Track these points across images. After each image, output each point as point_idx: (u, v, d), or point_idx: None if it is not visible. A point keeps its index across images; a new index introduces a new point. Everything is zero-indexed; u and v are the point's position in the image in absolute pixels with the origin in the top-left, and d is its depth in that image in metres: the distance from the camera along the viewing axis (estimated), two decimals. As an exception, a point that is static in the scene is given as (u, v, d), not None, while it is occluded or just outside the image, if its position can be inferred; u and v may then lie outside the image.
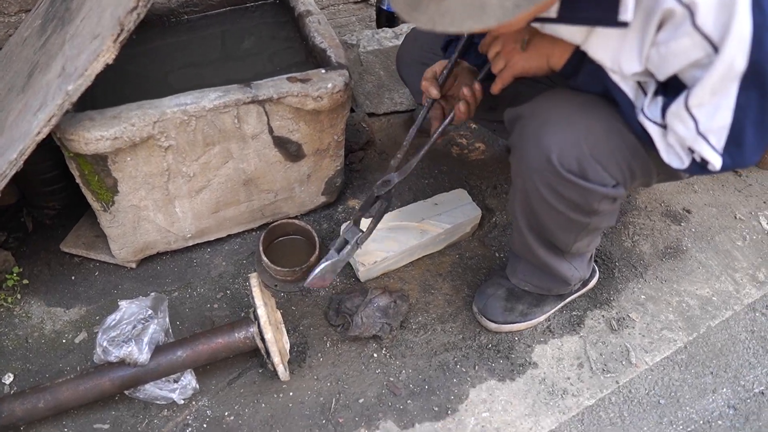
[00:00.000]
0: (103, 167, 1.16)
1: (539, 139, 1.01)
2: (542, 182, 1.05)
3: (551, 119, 1.02)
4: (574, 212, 1.08)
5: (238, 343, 1.20)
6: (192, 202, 1.33)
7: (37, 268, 1.43)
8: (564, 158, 0.99)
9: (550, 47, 1.02)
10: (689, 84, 0.86)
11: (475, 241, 1.58)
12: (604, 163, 1.00)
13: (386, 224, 1.46)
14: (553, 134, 1.00)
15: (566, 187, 1.03)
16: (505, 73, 1.09)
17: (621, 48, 0.89)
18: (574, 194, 1.04)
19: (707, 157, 0.89)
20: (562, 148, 0.99)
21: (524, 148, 1.06)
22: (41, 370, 1.27)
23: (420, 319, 1.41)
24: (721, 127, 0.86)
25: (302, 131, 1.29)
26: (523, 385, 1.33)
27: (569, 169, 1.00)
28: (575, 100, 1.04)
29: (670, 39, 0.82)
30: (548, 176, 1.02)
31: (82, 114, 1.09)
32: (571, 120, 1.01)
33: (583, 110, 1.01)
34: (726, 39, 0.77)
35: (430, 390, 1.30)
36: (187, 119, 1.14)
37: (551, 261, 1.25)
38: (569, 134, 0.99)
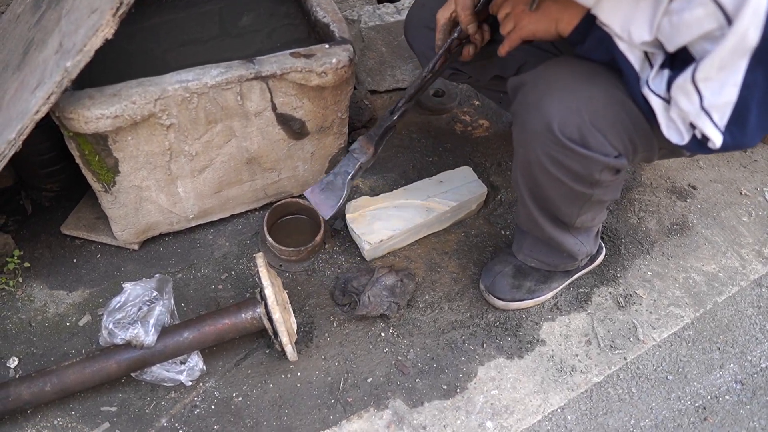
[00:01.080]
0: (104, 147, 1.13)
1: (541, 106, 1.00)
2: (543, 151, 1.03)
3: (553, 87, 1.01)
4: (576, 183, 1.07)
5: (245, 324, 1.19)
6: (194, 182, 1.30)
7: (38, 251, 1.41)
8: (565, 126, 0.98)
9: (560, 12, 1.00)
10: (698, 57, 0.84)
11: (481, 219, 1.57)
12: (605, 133, 0.99)
13: (391, 202, 1.44)
14: (555, 102, 0.99)
15: (567, 156, 1.01)
16: (513, 35, 1.07)
17: (633, 14, 0.87)
18: (576, 163, 1.02)
19: (708, 133, 0.87)
20: (564, 116, 0.98)
21: (526, 116, 1.04)
22: (46, 353, 1.26)
23: (427, 297, 1.40)
24: (726, 104, 0.84)
25: (306, 108, 1.27)
26: (531, 363, 1.32)
27: (570, 137, 0.99)
28: (579, 68, 1.02)
29: (683, 8, 0.80)
30: (549, 144, 1.01)
31: (81, 92, 1.06)
32: (572, 88, 0.99)
33: (585, 79, 1.00)
34: (741, 10, 0.75)
35: (438, 368, 1.29)
36: (188, 96, 1.11)
37: (557, 235, 1.23)
38: (571, 102, 0.98)
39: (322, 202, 1.19)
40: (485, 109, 1.84)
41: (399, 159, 1.67)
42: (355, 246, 1.47)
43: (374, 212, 1.42)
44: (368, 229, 1.39)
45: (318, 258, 1.44)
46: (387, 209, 1.43)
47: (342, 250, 1.46)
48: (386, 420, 1.21)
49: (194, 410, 1.20)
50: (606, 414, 1.27)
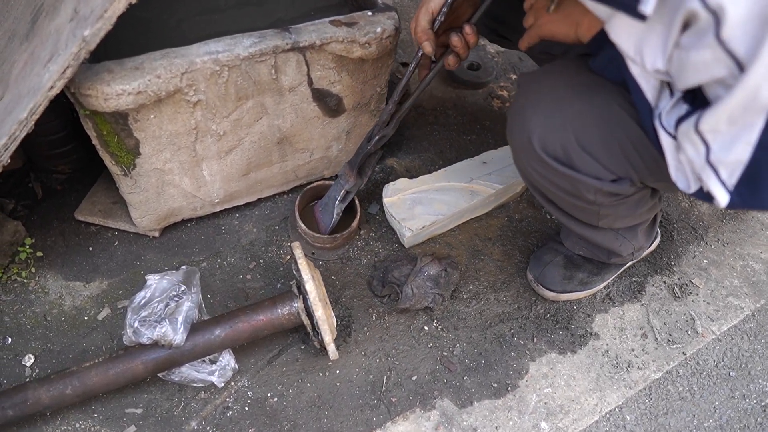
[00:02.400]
0: (124, 126, 1.02)
1: (523, 116, 0.91)
2: (528, 164, 0.95)
3: (541, 96, 0.90)
4: (573, 198, 0.97)
5: (282, 320, 1.09)
6: (221, 164, 1.19)
7: (51, 238, 1.30)
8: (546, 142, 0.88)
9: (581, 15, 0.85)
10: (711, 101, 0.69)
11: (524, 202, 1.46)
12: (596, 155, 0.87)
13: (432, 185, 1.33)
14: (538, 113, 0.89)
15: (553, 174, 0.92)
16: (532, 31, 0.94)
17: (646, 37, 0.71)
18: (564, 182, 0.93)
19: (713, 190, 0.72)
20: (545, 131, 0.88)
21: (511, 123, 0.96)
22: (63, 350, 1.16)
23: (471, 287, 1.31)
24: (736, 162, 0.69)
25: (344, 83, 1.15)
26: (585, 358, 1.23)
27: (553, 156, 0.89)
28: (576, 78, 0.90)
29: (691, 47, 0.65)
30: (532, 158, 0.92)
31: (99, 65, 0.94)
32: (560, 100, 0.88)
33: (580, 91, 0.88)
34: (755, 60, 0.59)
35: (487, 365, 1.20)
36: (218, 70, 0.99)
37: (588, 233, 1.13)
38: (555, 116, 0.87)
39: (321, 220, 1.30)
40: (523, 83, 1.71)
41: (434, 137, 1.55)
42: (391, 232, 1.36)
43: (414, 196, 1.31)
44: (409, 214, 1.28)
45: (353, 245, 1.34)
46: (428, 192, 1.32)
47: (378, 236, 1.36)
48: (434, 421, 1.12)
49: (226, 412, 1.11)
50: (667, 414, 1.19)
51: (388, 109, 1.13)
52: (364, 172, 1.24)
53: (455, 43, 1.02)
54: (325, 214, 1.29)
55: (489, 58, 1.73)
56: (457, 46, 1.03)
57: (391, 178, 1.45)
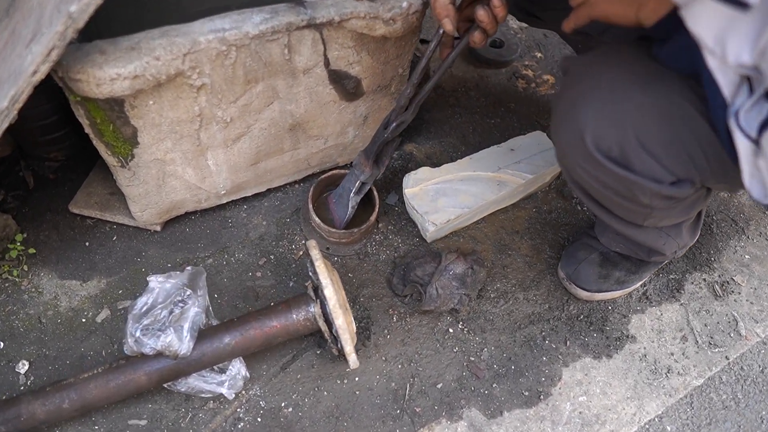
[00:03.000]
0: (120, 114, 0.91)
1: (575, 109, 0.79)
2: (577, 162, 0.84)
3: (595, 86, 0.78)
4: (624, 200, 0.87)
5: (297, 326, 1.00)
6: (228, 153, 1.08)
7: (44, 233, 1.20)
8: (601, 140, 0.77)
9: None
10: None
11: (553, 192, 1.36)
12: (657, 154, 0.77)
13: (456, 175, 1.22)
14: (592, 107, 0.77)
15: (605, 174, 0.81)
16: (582, 10, 0.79)
17: (732, 26, 0.59)
18: (617, 183, 0.82)
19: None
20: (600, 127, 0.77)
21: (559, 117, 0.84)
22: (60, 355, 1.07)
23: (498, 286, 1.21)
24: None
25: (364, 63, 1.03)
26: (621, 363, 1.15)
27: (608, 155, 0.78)
28: (637, 67, 0.78)
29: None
30: (582, 157, 0.81)
31: (89, 45, 0.83)
32: (620, 92, 0.76)
33: (642, 82, 0.77)
34: None
35: (517, 370, 1.12)
36: (225, 50, 0.88)
37: (630, 232, 1.03)
38: (612, 111, 0.76)
39: (335, 212, 1.21)
40: (549, 63, 1.59)
41: (456, 120, 1.44)
42: (411, 224, 1.26)
43: (437, 186, 1.21)
44: (432, 206, 1.18)
45: (371, 239, 1.24)
46: (452, 183, 1.21)
47: (397, 229, 1.26)
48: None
49: (237, 424, 1.02)
50: (710, 424, 1.10)
51: (407, 92, 1.01)
52: (381, 162, 1.13)
53: (481, 17, 0.90)
54: (340, 206, 1.19)
55: (512, 34, 1.60)
56: (484, 21, 0.90)
57: (411, 166, 1.34)
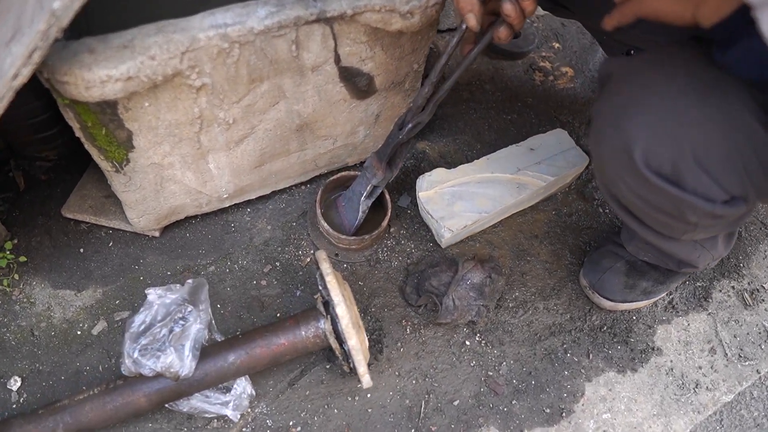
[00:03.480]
0: (113, 117, 0.83)
1: (623, 120, 0.71)
2: (620, 177, 0.76)
3: (647, 95, 0.70)
4: (667, 217, 0.80)
5: (306, 344, 0.93)
6: (230, 156, 1.01)
7: (36, 239, 1.13)
8: (653, 156, 0.69)
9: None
10: None
11: (573, 193, 1.29)
12: (713, 172, 0.69)
13: (473, 177, 1.15)
14: (644, 118, 0.69)
15: (652, 192, 0.74)
16: (629, 6, 0.71)
17: None
18: (664, 202, 0.75)
19: None
20: (652, 141, 0.69)
21: (601, 127, 0.76)
22: (54, 370, 1.01)
23: (517, 294, 1.15)
24: None
25: (377, 60, 0.95)
26: (647, 377, 1.09)
27: (657, 171, 0.70)
28: (694, 73, 0.70)
29: None
30: (627, 173, 0.73)
31: (77, 43, 0.75)
32: (676, 102, 0.68)
33: (701, 91, 0.68)
34: None
35: (537, 386, 1.06)
36: (227, 47, 0.80)
37: (663, 244, 0.96)
38: (668, 123, 0.68)
39: (345, 216, 1.14)
40: (568, 53, 1.51)
41: (471, 116, 1.36)
42: (425, 228, 1.19)
43: (453, 189, 1.13)
44: (448, 211, 1.11)
45: (382, 245, 1.17)
46: (469, 186, 1.14)
47: (410, 234, 1.19)
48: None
49: (243, 444, 0.97)
50: (741, 442, 1.05)
51: (424, 91, 0.94)
52: (395, 164, 1.06)
53: (508, 11, 0.82)
54: (349, 210, 1.12)
55: (528, 23, 1.52)
56: (511, 16, 0.82)
57: (423, 165, 1.26)
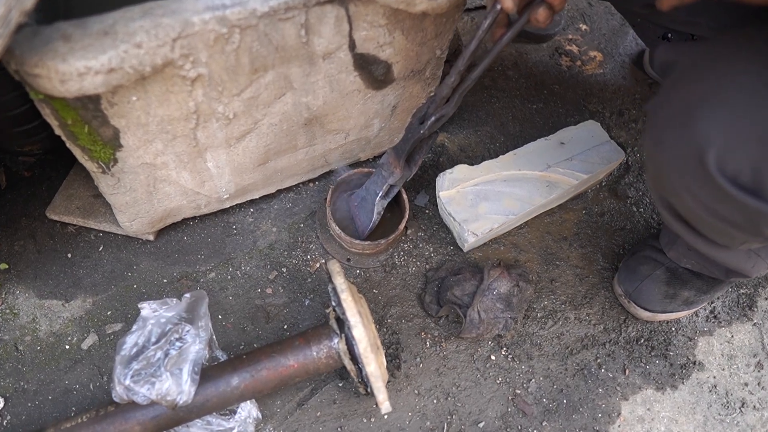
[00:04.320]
0: (95, 113, 0.73)
1: (693, 117, 0.60)
2: (684, 184, 0.65)
3: (722, 89, 0.59)
4: (733, 228, 0.69)
5: (318, 365, 0.84)
6: (231, 153, 0.91)
7: (18, 242, 1.03)
8: (729, 160, 0.59)
9: None
10: None
11: (604, 191, 1.18)
12: None
13: (498, 174, 1.04)
14: (719, 117, 0.59)
15: (724, 202, 0.63)
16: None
17: None
18: (736, 214, 0.64)
19: None
20: (731, 144, 0.58)
21: (665, 126, 0.65)
22: (41, 389, 0.92)
23: (546, 303, 1.05)
24: None
25: (397, 45, 0.84)
26: (688, 396, 0.99)
27: (733, 178, 0.60)
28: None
29: None
30: (695, 179, 0.63)
31: (49, 29, 0.64)
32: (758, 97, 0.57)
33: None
34: None
35: (570, 405, 0.97)
36: (226, 33, 0.69)
37: (713, 252, 0.86)
38: (748, 123, 0.57)
39: (358, 218, 1.04)
40: (596, 36, 1.39)
41: (493, 105, 1.25)
42: (444, 230, 1.09)
43: (477, 188, 1.03)
44: (471, 213, 1.00)
45: (398, 248, 1.07)
46: (494, 184, 1.03)
47: (428, 236, 1.09)
48: (508, 483, 0.90)
49: (249, 471, 0.88)
50: (792, 466, 0.96)
51: (451, 80, 0.83)
52: (414, 162, 0.95)
53: None
54: (363, 211, 1.02)
55: (554, 0, 1.39)
56: None
57: (443, 160, 1.16)
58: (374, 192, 0.99)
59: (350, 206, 1.05)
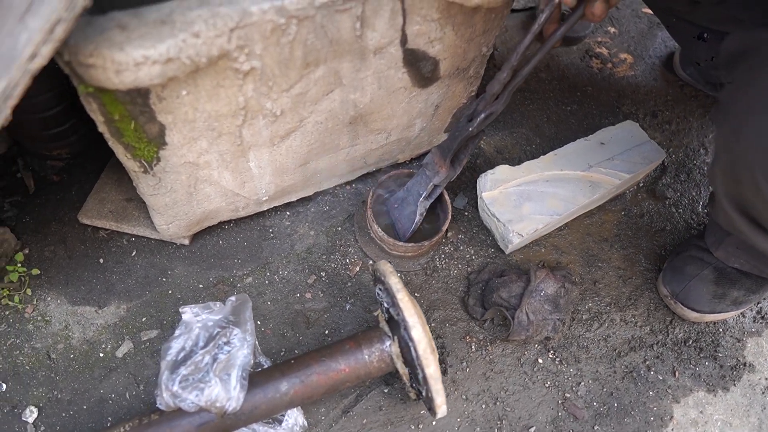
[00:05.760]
0: (143, 108, 0.71)
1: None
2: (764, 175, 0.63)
3: None
4: None
5: (370, 369, 0.81)
6: (273, 153, 0.88)
7: (49, 248, 1.00)
8: None
9: None
10: None
11: (643, 191, 1.16)
12: None
13: (540, 174, 1.03)
14: None
15: None
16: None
17: None
18: None
19: None
20: None
21: (746, 114, 0.63)
22: (75, 399, 0.89)
23: (590, 305, 1.03)
24: None
25: (446, 41, 0.82)
26: (740, 398, 0.97)
27: None
28: None
29: None
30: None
31: (103, 18, 0.62)
32: None
33: None
34: None
35: (621, 409, 0.94)
36: (284, 24, 0.67)
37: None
38: None
39: (398, 220, 1.01)
40: (625, 39, 1.38)
41: (527, 107, 1.23)
42: (484, 232, 1.07)
43: (520, 189, 1.01)
44: (515, 214, 0.98)
45: (439, 251, 1.04)
46: (536, 184, 1.01)
47: (468, 238, 1.06)
48: (563, 491, 0.87)
49: (294, 482, 0.84)
50: None
51: (503, 77, 0.81)
52: (459, 161, 0.93)
53: None
54: (404, 213, 0.99)
55: (581, 3, 1.38)
56: None
57: (479, 162, 1.14)
58: (417, 193, 0.96)
59: (389, 208, 1.03)
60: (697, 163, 1.19)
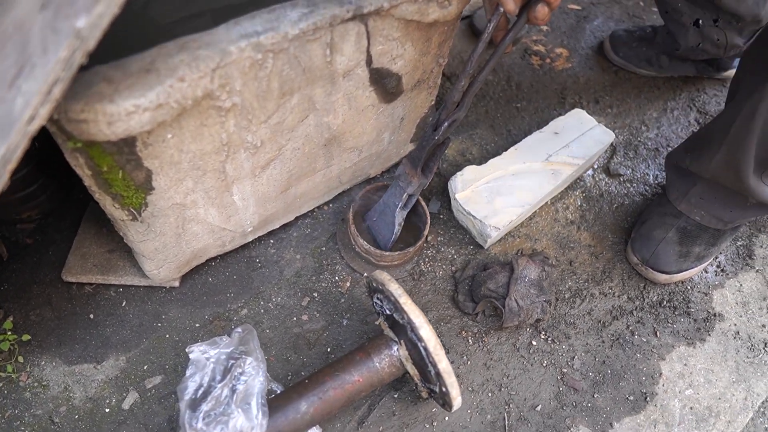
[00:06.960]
0: (130, 156, 0.72)
1: None
2: None
3: None
4: None
5: (382, 375, 0.84)
6: (255, 184, 0.91)
7: (34, 311, 0.98)
8: None
9: None
10: None
11: (599, 173, 1.25)
12: None
13: (506, 170, 1.09)
14: None
15: None
16: None
17: None
18: None
19: None
20: None
21: None
22: (88, 459, 0.87)
23: (570, 284, 1.09)
24: None
25: (407, 57, 0.88)
26: (717, 345, 1.05)
27: None
28: None
29: None
30: None
31: (89, 74, 0.64)
32: None
33: None
34: None
35: (614, 374, 1.00)
36: (260, 58, 0.70)
37: (757, 188, 0.94)
38: None
39: (378, 231, 1.05)
40: (558, 35, 1.48)
41: (480, 109, 1.31)
42: (461, 231, 1.12)
43: (489, 185, 1.07)
44: (489, 209, 1.04)
45: (422, 256, 1.09)
46: (504, 179, 1.08)
47: (447, 239, 1.12)
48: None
49: (324, 500, 0.86)
50: (822, 393, 1.03)
51: (461, 84, 0.87)
52: (429, 169, 0.98)
53: None
54: (383, 224, 1.04)
55: (512, 7, 1.48)
56: None
57: (445, 166, 1.20)
58: (393, 204, 1.01)
59: (368, 222, 1.07)
60: (641, 139, 1.29)
